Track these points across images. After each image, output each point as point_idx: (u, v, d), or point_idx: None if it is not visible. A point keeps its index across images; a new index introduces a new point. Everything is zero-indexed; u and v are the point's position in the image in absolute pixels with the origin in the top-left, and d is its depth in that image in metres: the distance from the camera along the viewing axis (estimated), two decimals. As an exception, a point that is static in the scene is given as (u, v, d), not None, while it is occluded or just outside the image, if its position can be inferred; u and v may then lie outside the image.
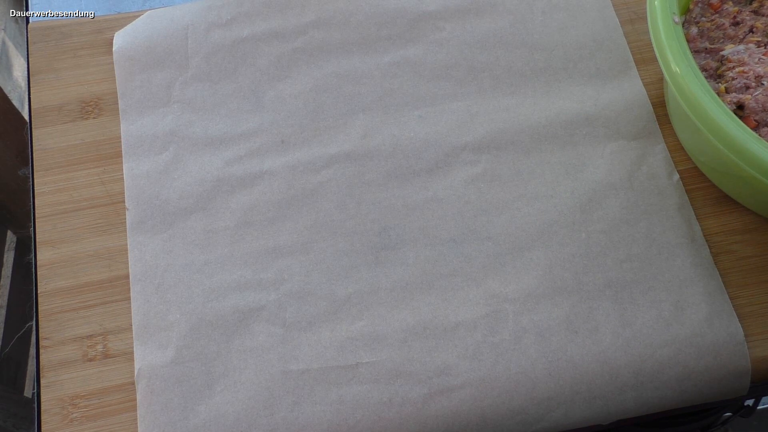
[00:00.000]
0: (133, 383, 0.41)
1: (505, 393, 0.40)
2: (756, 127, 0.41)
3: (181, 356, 0.41)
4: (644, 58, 0.50)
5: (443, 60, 0.50)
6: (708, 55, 0.45)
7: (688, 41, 0.44)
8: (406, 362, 0.41)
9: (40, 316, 0.43)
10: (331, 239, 0.44)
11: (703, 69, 0.44)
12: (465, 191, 0.45)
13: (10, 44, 0.99)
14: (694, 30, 0.46)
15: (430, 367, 0.41)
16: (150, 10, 0.52)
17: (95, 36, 0.51)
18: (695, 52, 0.45)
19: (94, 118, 0.48)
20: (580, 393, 0.40)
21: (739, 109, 0.42)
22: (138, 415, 0.40)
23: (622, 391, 0.40)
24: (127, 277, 0.43)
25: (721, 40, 0.45)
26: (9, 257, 0.87)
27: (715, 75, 0.44)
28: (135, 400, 0.41)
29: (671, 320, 0.42)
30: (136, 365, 0.41)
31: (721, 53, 0.44)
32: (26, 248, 0.88)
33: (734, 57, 0.44)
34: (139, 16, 0.51)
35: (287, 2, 0.51)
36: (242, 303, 0.42)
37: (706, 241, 0.44)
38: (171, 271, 0.43)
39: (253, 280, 0.43)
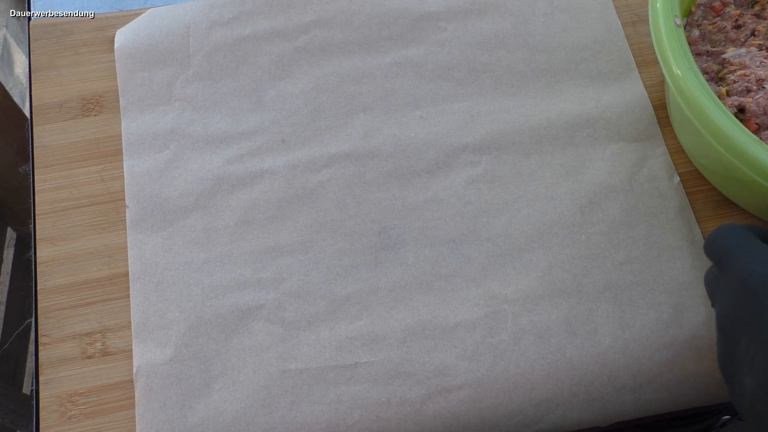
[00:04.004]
0: (131, 381, 0.41)
1: (504, 394, 0.40)
2: (757, 131, 0.41)
3: (179, 354, 0.41)
4: (645, 60, 0.50)
5: (444, 60, 0.50)
6: (709, 58, 0.45)
7: (689, 44, 0.44)
8: (405, 362, 0.41)
9: (39, 313, 0.43)
10: (330, 239, 0.44)
11: (705, 72, 0.44)
12: (465, 192, 0.45)
13: (11, 41, 0.99)
14: (695, 33, 0.46)
15: (428, 368, 0.41)
16: (151, 8, 0.52)
17: (96, 33, 0.51)
18: (696, 54, 0.45)
19: (95, 115, 0.48)
20: (579, 395, 0.40)
21: (740, 112, 0.42)
22: (136, 413, 0.40)
23: (620, 393, 0.40)
24: (127, 274, 0.43)
25: (723, 43, 0.45)
26: (9, 254, 0.87)
27: (716, 78, 0.44)
28: (133, 397, 0.41)
29: (670, 323, 0.42)
30: (135, 363, 0.41)
31: (723, 56, 0.44)
32: (26, 245, 0.88)
33: (735, 60, 0.44)
34: (140, 14, 0.51)
35: (289, 1, 0.51)
36: (241, 302, 0.42)
37: (706, 243, 0.44)
38: (170, 269, 0.43)
39: (253, 278, 0.43)
